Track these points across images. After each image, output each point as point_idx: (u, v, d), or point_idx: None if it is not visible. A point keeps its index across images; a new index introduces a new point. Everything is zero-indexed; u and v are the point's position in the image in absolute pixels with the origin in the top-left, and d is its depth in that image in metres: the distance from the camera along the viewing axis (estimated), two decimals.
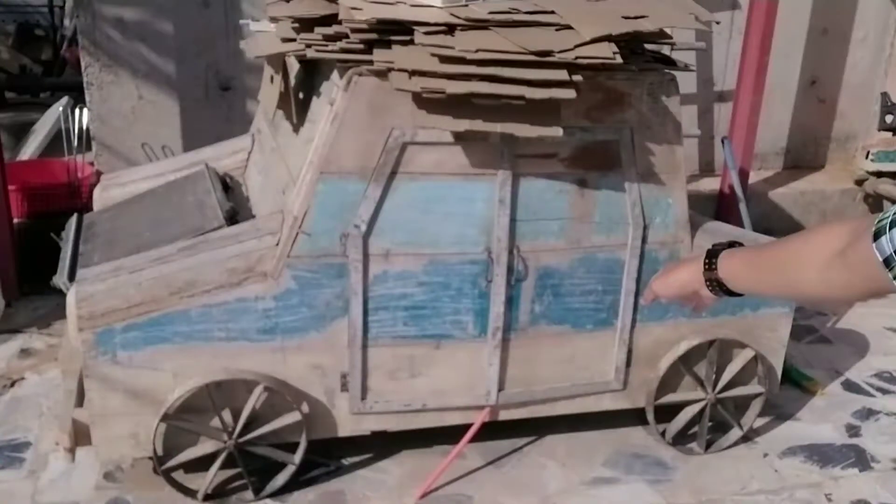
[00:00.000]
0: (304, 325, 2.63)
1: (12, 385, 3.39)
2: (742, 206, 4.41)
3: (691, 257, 1.44)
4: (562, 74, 2.37)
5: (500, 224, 2.65)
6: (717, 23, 4.64)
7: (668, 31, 2.65)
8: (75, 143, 4.10)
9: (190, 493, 2.70)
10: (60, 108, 4.62)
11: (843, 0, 5.16)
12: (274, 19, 2.86)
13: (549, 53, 2.38)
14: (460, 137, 2.52)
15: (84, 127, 4.17)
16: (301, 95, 2.86)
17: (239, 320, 2.57)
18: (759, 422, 3.26)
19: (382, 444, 3.01)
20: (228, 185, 3.24)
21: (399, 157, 2.52)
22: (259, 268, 2.56)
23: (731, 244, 1.40)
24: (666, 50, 3.52)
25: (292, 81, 2.84)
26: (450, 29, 2.44)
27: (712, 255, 1.37)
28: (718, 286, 1.36)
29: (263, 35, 3.01)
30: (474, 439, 2.91)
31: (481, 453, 3.06)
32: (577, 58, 2.39)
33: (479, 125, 2.40)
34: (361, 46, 2.44)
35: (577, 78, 2.40)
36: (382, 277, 2.63)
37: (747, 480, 3.01)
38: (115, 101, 4.32)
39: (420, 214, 2.60)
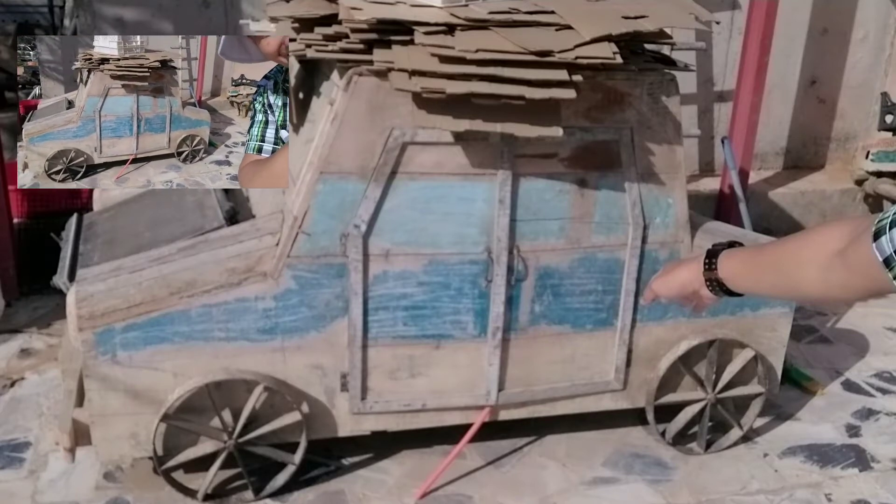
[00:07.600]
0: (304, 325, 2.63)
1: (12, 385, 3.39)
2: (742, 206, 4.41)
3: (691, 257, 1.44)
4: (562, 74, 2.37)
5: (500, 224, 2.65)
6: (717, 23, 4.65)
7: (668, 31, 2.65)
8: None
9: (190, 493, 2.70)
10: None
11: (843, 0, 5.16)
12: (274, 19, 2.86)
13: (549, 53, 2.37)
14: (460, 137, 2.52)
15: None
16: (301, 95, 2.86)
17: (239, 320, 2.57)
18: (759, 422, 3.26)
19: (382, 444, 3.02)
20: None
21: (399, 157, 2.52)
22: (259, 268, 2.56)
23: (731, 244, 1.40)
24: (666, 50, 3.52)
25: (292, 81, 2.84)
26: (450, 29, 2.44)
27: (712, 255, 1.37)
28: (718, 286, 1.36)
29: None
30: (474, 439, 2.91)
31: (481, 453, 3.06)
32: (577, 58, 2.39)
33: (479, 125, 2.40)
34: (361, 46, 2.44)
35: (577, 78, 2.39)
36: (382, 277, 2.63)
37: (747, 480, 3.01)
38: None
39: (420, 214, 2.60)
